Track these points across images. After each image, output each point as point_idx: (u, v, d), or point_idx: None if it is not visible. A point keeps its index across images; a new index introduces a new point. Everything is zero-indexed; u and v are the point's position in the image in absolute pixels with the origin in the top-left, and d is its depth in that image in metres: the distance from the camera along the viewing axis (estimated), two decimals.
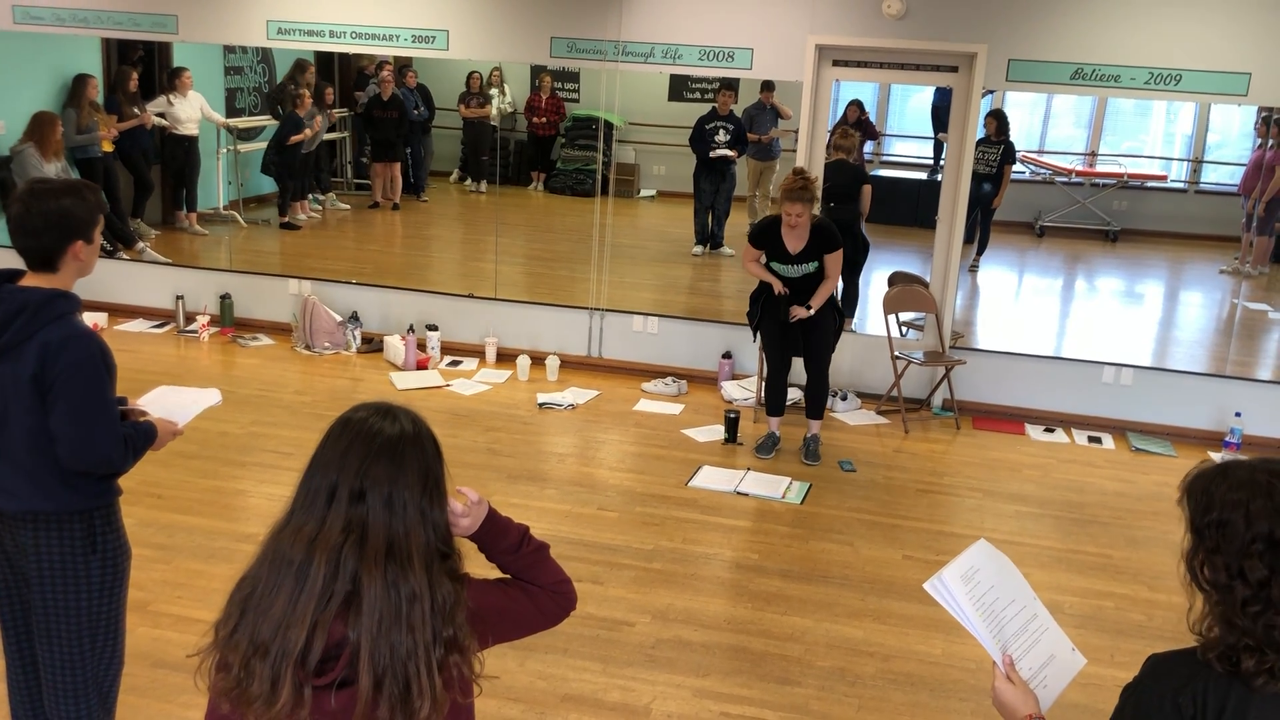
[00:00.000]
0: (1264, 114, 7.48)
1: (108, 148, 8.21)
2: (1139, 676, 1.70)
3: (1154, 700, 1.64)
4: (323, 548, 1.67)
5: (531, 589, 1.93)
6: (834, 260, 5.76)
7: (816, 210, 5.85)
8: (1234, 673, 1.61)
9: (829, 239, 5.73)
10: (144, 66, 8.79)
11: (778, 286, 5.77)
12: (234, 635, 1.69)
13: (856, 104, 8.96)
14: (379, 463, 1.72)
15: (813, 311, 5.76)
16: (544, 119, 9.75)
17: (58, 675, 2.80)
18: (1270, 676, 1.59)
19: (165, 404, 3.02)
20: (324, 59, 9.21)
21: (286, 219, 9.02)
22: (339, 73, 9.75)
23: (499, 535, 1.93)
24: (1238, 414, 6.41)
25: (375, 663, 1.64)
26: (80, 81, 8.00)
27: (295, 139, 8.61)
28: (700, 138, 8.29)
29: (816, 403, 6.03)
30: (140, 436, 2.75)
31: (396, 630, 1.65)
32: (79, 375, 2.57)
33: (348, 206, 9.92)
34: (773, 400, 6.07)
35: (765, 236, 5.81)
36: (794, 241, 5.72)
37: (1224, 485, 1.65)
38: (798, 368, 6.09)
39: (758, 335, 6.07)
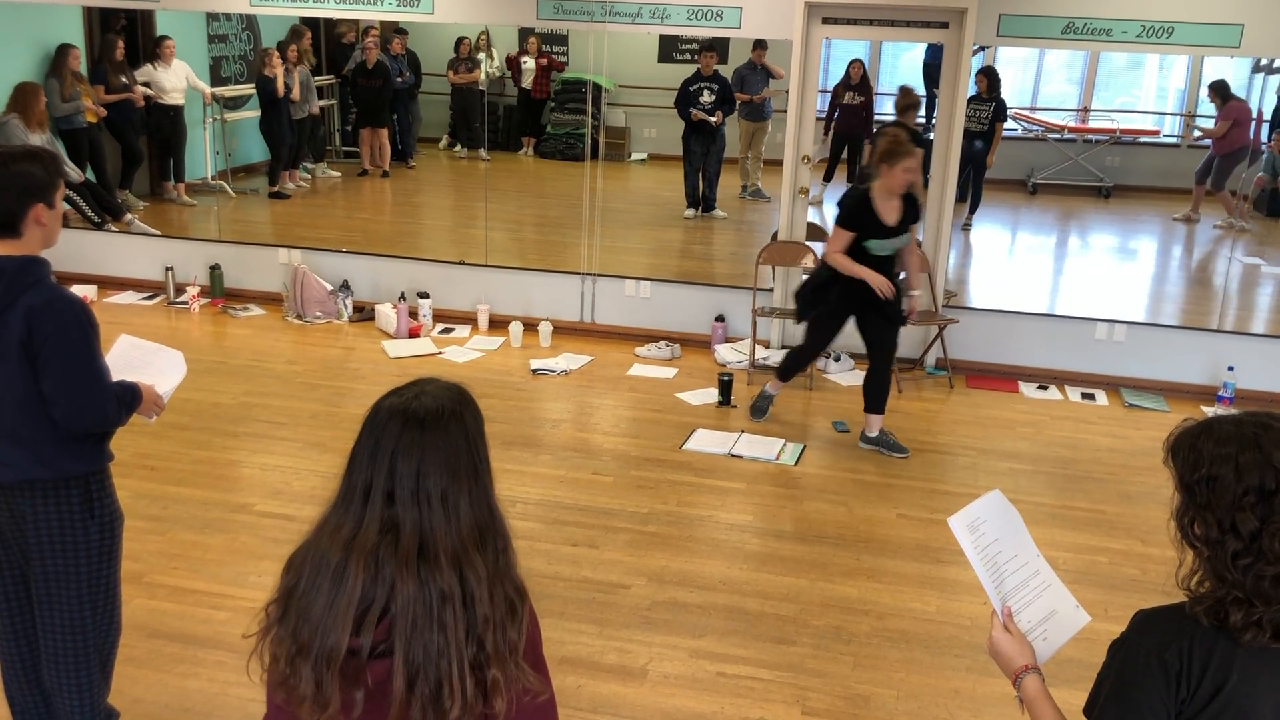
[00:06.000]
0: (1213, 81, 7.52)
1: (92, 118, 8.14)
2: (1125, 632, 1.71)
3: (1140, 656, 1.65)
4: (360, 551, 1.64)
5: None
6: (914, 231, 5.38)
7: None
8: (1221, 627, 1.62)
9: (916, 205, 5.32)
10: (126, 36, 8.70)
11: (881, 285, 5.06)
12: (278, 629, 1.67)
13: (858, 63, 8.89)
14: (407, 457, 1.68)
15: (918, 295, 5.51)
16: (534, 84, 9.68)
17: (61, 643, 2.81)
18: (1258, 629, 1.60)
19: (129, 361, 3.01)
20: (307, 25, 9.11)
21: (276, 188, 8.96)
22: (324, 39, 9.65)
23: None
24: (1230, 368, 6.41)
25: (409, 664, 1.61)
26: (62, 52, 7.92)
27: (279, 90, 8.49)
28: (684, 100, 8.21)
29: (879, 395, 5.55)
30: (128, 394, 2.78)
31: (428, 629, 1.61)
32: (68, 336, 2.60)
33: (337, 174, 9.86)
34: (792, 371, 5.85)
35: (860, 213, 5.15)
36: (890, 213, 5.12)
37: (1211, 441, 1.66)
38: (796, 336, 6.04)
39: (813, 319, 5.56)
